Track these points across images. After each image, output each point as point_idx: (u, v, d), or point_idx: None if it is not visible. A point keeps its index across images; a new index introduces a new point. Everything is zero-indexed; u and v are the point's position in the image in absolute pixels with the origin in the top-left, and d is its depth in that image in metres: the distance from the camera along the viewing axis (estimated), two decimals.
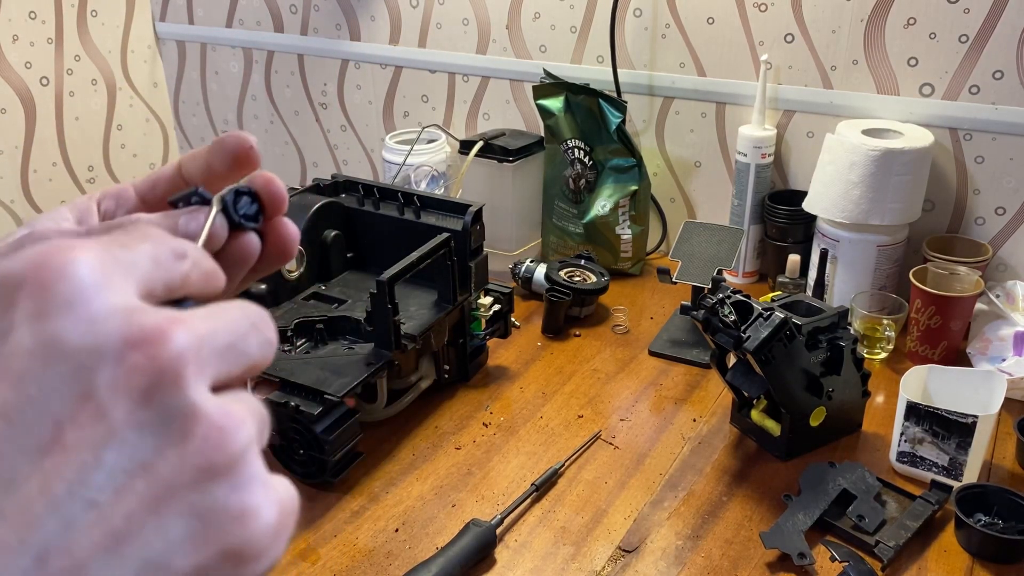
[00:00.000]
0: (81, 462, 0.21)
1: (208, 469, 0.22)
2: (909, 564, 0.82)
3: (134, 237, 0.25)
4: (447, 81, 1.62)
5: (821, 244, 1.22)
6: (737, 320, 0.89)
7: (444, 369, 1.09)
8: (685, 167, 1.45)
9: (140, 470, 0.22)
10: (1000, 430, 1.00)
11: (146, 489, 0.22)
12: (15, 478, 0.21)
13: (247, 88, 1.89)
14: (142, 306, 0.23)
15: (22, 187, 1.79)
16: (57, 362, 0.21)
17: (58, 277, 0.22)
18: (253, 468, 0.23)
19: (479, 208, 1.06)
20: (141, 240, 0.25)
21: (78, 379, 0.21)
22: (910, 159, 1.14)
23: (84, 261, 0.22)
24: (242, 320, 0.25)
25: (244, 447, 0.23)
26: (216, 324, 0.24)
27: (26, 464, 0.21)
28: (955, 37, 1.17)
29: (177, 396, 0.22)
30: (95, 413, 0.21)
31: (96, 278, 0.22)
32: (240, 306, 0.26)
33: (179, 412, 0.22)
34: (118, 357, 0.22)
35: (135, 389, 0.22)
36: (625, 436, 1.02)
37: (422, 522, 0.89)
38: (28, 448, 0.21)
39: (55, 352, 0.21)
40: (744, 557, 0.83)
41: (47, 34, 1.76)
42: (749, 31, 1.31)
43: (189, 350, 0.22)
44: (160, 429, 0.22)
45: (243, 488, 0.23)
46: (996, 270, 1.24)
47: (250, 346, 0.25)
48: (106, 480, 0.21)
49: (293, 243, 0.34)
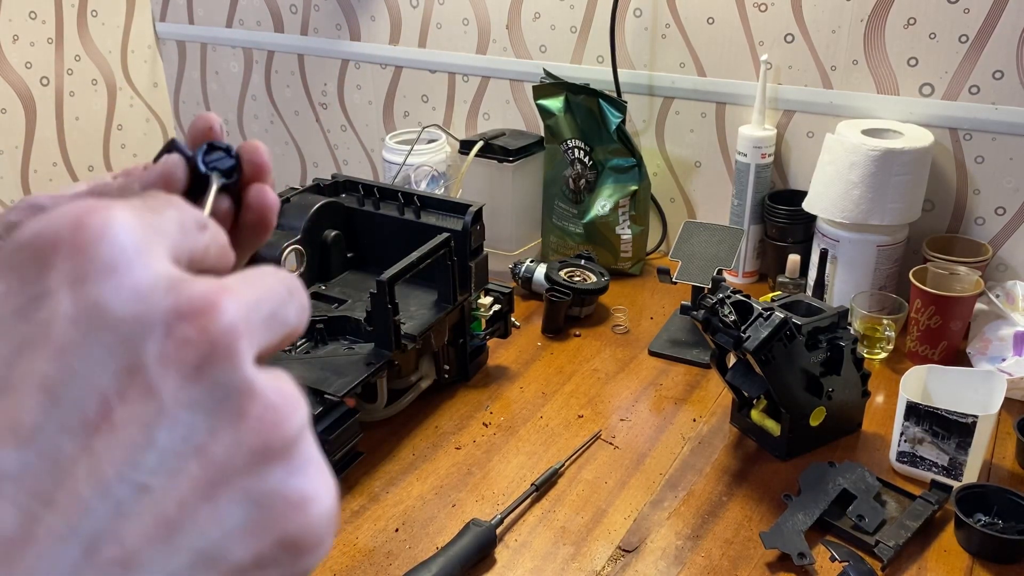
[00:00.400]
0: (131, 442, 0.19)
1: (264, 452, 0.21)
2: (909, 564, 0.82)
3: (159, 202, 0.23)
4: (447, 81, 1.62)
5: (821, 244, 1.22)
6: (737, 320, 0.89)
7: (444, 369, 1.09)
8: (685, 167, 1.45)
9: (193, 452, 0.20)
10: (1000, 430, 1.00)
11: (200, 473, 0.20)
12: (60, 459, 0.19)
13: (247, 88, 1.89)
14: (185, 275, 0.21)
15: (22, 187, 1.79)
16: (102, 331, 0.20)
17: (98, 238, 0.20)
18: (310, 451, 0.22)
19: (479, 208, 1.06)
20: (165, 206, 0.23)
21: (125, 351, 0.20)
22: (910, 159, 1.14)
23: (123, 223, 0.21)
24: (280, 286, 0.24)
25: (300, 428, 0.22)
26: (259, 292, 0.23)
27: (72, 444, 0.19)
28: (955, 37, 1.17)
29: (230, 372, 0.20)
30: (144, 389, 0.20)
31: (136, 241, 0.21)
32: (274, 271, 0.24)
33: (233, 389, 0.20)
34: (167, 328, 0.20)
35: (186, 364, 0.20)
36: (625, 436, 1.02)
37: (422, 522, 0.89)
38: (74, 426, 0.19)
39: (99, 320, 0.20)
40: (744, 557, 0.83)
41: (47, 34, 1.76)
42: (749, 31, 1.31)
43: (240, 321, 0.21)
44: (213, 407, 0.20)
45: (301, 472, 0.21)
46: (996, 270, 1.24)
47: (289, 314, 0.24)
48: (158, 462, 0.20)
49: (271, 211, 0.33)
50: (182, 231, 0.23)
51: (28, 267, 0.20)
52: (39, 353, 0.20)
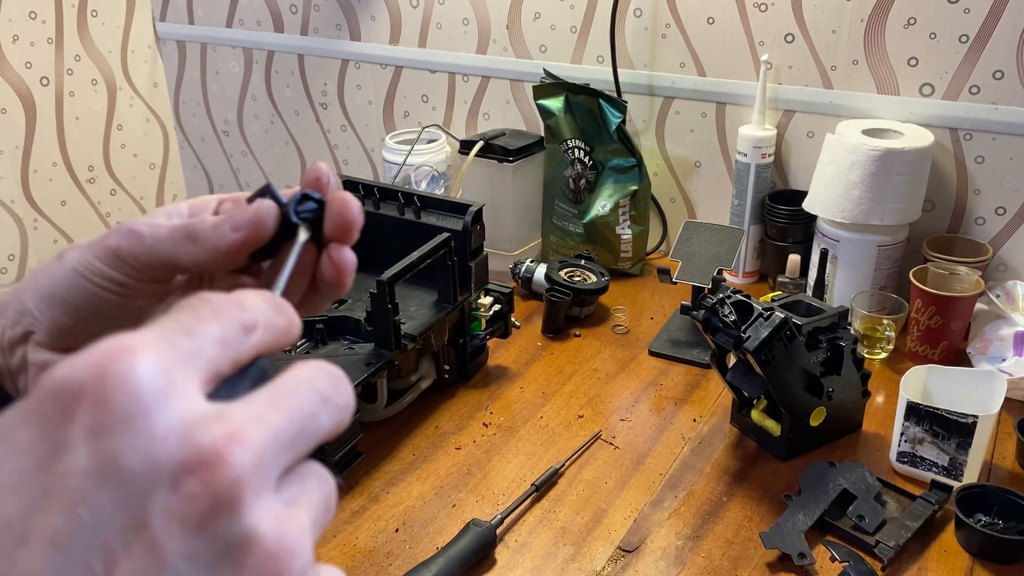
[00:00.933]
0: None
1: None
2: (909, 564, 0.82)
3: (201, 318, 0.24)
4: (447, 81, 1.62)
5: (821, 244, 1.22)
6: (737, 320, 0.89)
7: (444, 369, 1.09)
8: (685, 167, 1.45)
9: None
10: (1000, 430, 1.00)
11: None
12: None
13: (247, 88, 1.89)
14: (202, 416, 0.22)
15: (22, 187, 1.79)
16: (113, 486, 0.20)
17: (119, 387, 0.21)
18: None
19: (479, 208, 1.06)
20: (208, 320, 0.24)
21: (133, 506, 0.21)
22: (910, 159, 1.14)
23: (146, 365, 0.21)
24: (310, 399, 0.24)
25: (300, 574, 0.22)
26: (280, 419, 0.23)
27: None
28: (955, 37, 1.17)
29: (232, 523, 0.21)
30: (148, 545, 0.20)
31: (158, 385, 0.21)
32: (310, 379, 0.25)
33: (234, 541, 0.21)
34: (174, 482, 0.21)
35: (190, 518, 0.21)
36: (625, 436, 1.02)
37: (422, 522, 0.89)
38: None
39: (111, 475, 0.20)
40: (744, 557, 0.83)
41: (47, 34, 1.76)
42: (749, 31, 1.31)
43: (247, 470, 0.21)
44: (213, 560, 0.21)
45: None
46: (996, 270, 1.24)
47: (321, 424, 0.24)
48: None
49: (348, 274, 0.35)
50: (222, 346, 0.24)
51: (52, 416, 0.21)
52: (53, 505, 0.20)
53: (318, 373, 0.25)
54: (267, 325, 0.26)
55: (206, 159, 2.06)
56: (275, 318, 0.26)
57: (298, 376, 0.25)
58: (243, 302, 0.25)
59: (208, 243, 0.34)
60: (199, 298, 0.25)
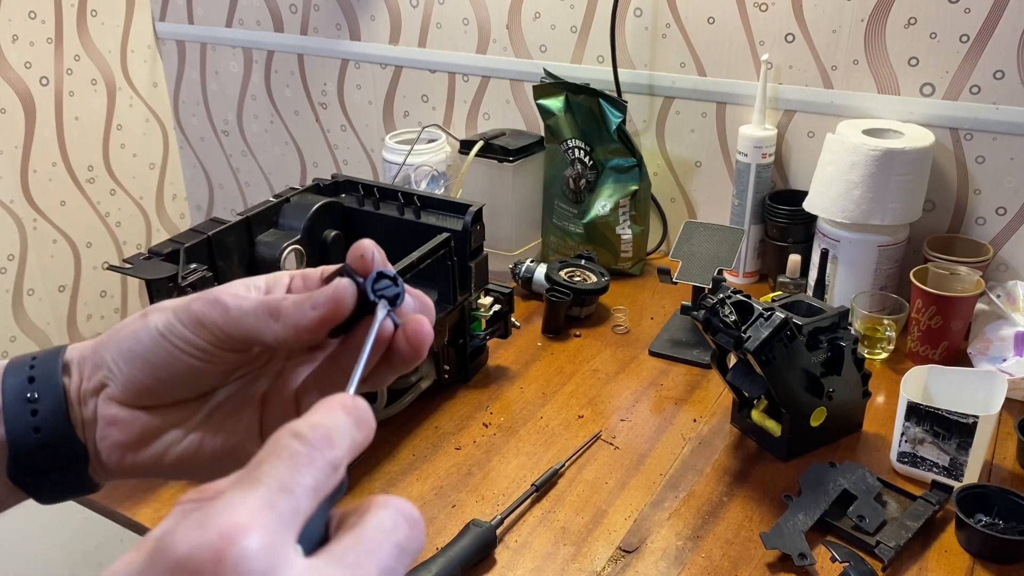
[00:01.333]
0: None
1: None
2: (910, 564, 0.82)
3: (297, 467, 0.27)
4: (447, 81, 1.62)
5: (822, 244, 1.22)
6: (737, 320, 0.89)
7: (444, 369, 1.09)
8: (685, 167, 1.45)
9: None
10: (1001, 430, 1.00)
11: None
12: None
13: (247, 88, 1.89)
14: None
15: (22, 187, 1.79)
16: None
17: (234, 571, 0.24)
18: None
19: (479, 208, 1.05)
20: (304, 469, 0.27)
21: None
22: (911, 159, 1.13)
23: (255, 545, 0.24)
24: (390, 555, 0.27)
25: None
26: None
27: None
28: (956, 37, 1.16)
29: None
30: None
31: (267, 566, 0.24)
32: (392, 530, 0.28)
33: None
34: None
35: None
36: (625, 436, 1.01)
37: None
38: None
39: None
40: (744, 557, 0.83)
41: (47, 34, 1.75)
42: (749, 31, 1.31)
43: None
44: None
45: None
46: (997, 270, 1.24)
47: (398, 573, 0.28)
48: None
49: (424, 346, 0.37)
50: (315, 494, 0.27)
51: None
52: None
53: (399, 523, 0.28)
54: (351, 450, 0.29)
55: (206, 159, 2.06)
56: (357, 435, 0.29)
57: (381, 527, 0.28)
58: (332, 438, 0.28)
59: (289, 320, 0.36)
60: (294, 437, 0.27)
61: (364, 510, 0.28)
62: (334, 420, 0.28)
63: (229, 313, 0.37)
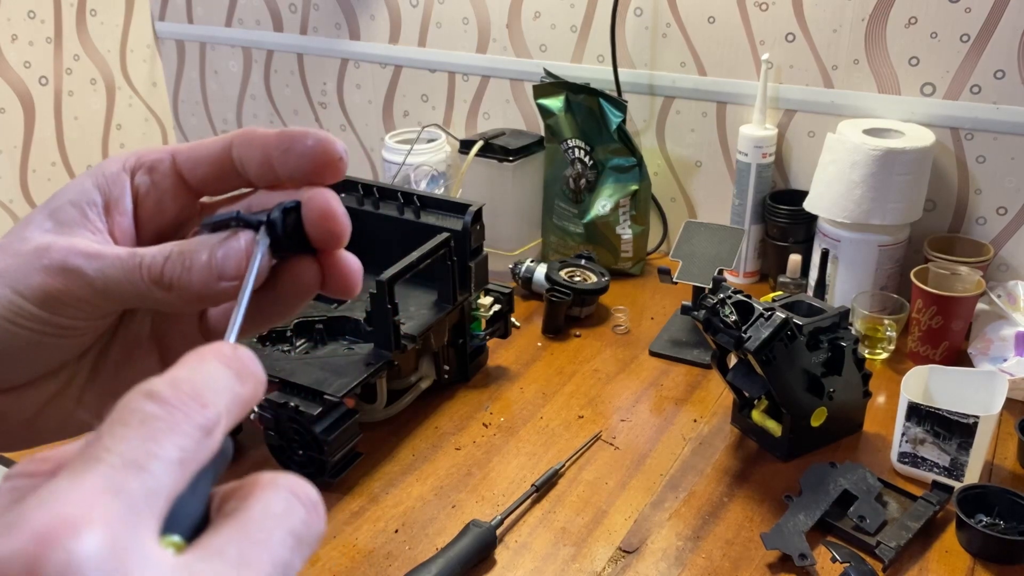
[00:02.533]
0: None
1: None
2: (910, 565, 0.82)
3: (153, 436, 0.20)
4: (447, 80, 1.62)
5: (822, 244, 1.22)
6: (738, 320, 0.89)
7: (444, 369, 1.09)
8: (686, 167, 1.45)
9: None
10: (1001, 430, 1.00)
11: None
12: None
13: (247, 88, 1.89)
14: None
15: (21, 187, 1.79)
16: None
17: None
18: None
19: (479, 208, 1.05)
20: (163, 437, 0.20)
21: None
22: (911, 159, 1.13)
23: (90, 546, 0.18)
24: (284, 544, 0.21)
25: None
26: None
27: None
28: (956, 36, 1.16)
29: None
30: None
31: (108, 568, 0.18)
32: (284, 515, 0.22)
33: None
34: None
35: None
36: (625, 436, 1.01)
37: (422, 523, 0.89)
38: None
39: None
40: (745, 558, 0.83)
41: (46, 33, 1.75)
42: (750, 30, 1.31)
43: None
44: None
45: None
46: (997, 270, 1.24)
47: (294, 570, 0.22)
48: None
49: (355, 278, 0.31)
50: (181, 466, 0.21)
51: None
52: None
53: (292, 506, 0.22)
54: (231, 409, 0.22)
55: None
56: (240, 390, 0.23)
57: (270, 511, 0.21)
58: (202, 394, 0.22)
59: (188, 291, 0.28)
60: (146, 398, 0.21)
61: (247, 492, 0.22)
62: (204, 374, 0.22)
63: (91, 284, 0.28)
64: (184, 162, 0.31)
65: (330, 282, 0.31)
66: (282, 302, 0.31)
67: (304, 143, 0.29)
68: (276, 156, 0.30)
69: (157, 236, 0.33)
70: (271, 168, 0.30)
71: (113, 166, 0.31)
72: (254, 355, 0.24)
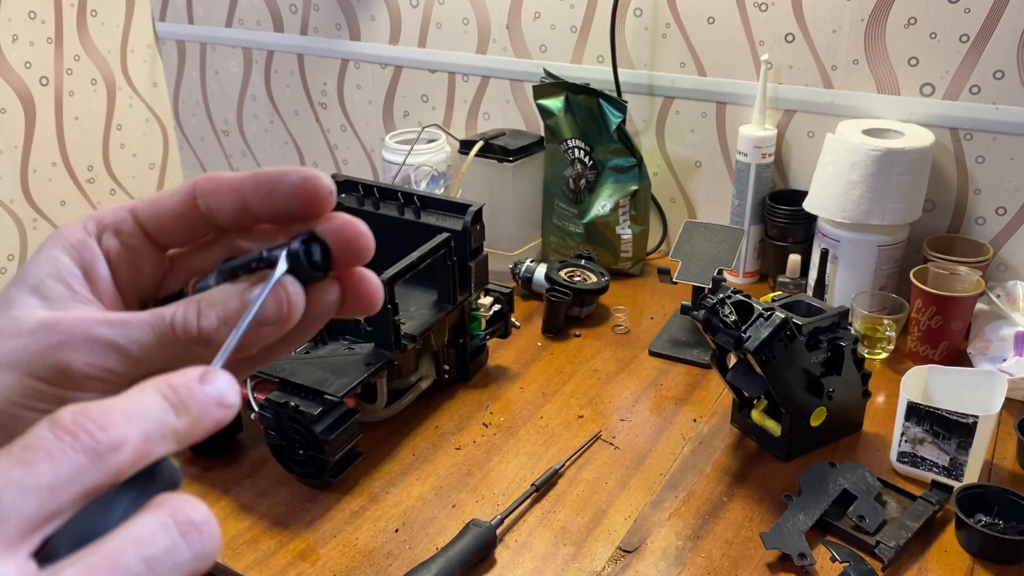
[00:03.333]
0: None
1: None
2: (910, 564, 0.82)
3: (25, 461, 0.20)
4: (447, 81, 1.62)
5: (822, 244, 1.22)
6: (737, 320, 0.89)
7: (444, 369, 1.09)
8: (685, 167, 1.45)
9: None
10: (1001, 430, 1.00)
11: None
12: None
13: (247, 88, 1.89)
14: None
15: (22, 187, 1.79)
16: None
17: None
18: None
19: (479, 208, 1.05)
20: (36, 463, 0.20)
21: None
22: (911, 159, 1.13)
23: None
24: (128, 573, 0.21)
25: None
26: None
27: None
28: (956, 37, 1.16)
29: None
30: None
31: None
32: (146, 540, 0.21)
33: None
34: None
35: None
36: (625, 436, 1.01)
37: (422, 522, 0.89)
38: None
39: None
40: (744, 557, 0.83)
41: (47, 34, 1.75)
42: (749, 31, 1.31)
43: None
44: None
45: None
46: (997, 270, 1.24)
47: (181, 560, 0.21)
48: None
49: (379, 295, 0.30)
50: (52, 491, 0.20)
51: None
52: None
53: (157, 533, 0.21)
54: (151, 437, 0.22)
55: (205, 159, 2.06)
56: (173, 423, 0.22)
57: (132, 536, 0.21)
58: (109, 421, 0.21)
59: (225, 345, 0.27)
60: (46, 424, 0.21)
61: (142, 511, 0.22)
62: (129, 402, 0.22)
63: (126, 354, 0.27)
64: (147, 219, 0.30)
65: (352, 301, 0.30)
66: (302, 327, 0.30)
67: (287, 182, 0.28)
68: (256, 200, 0.29)
69: (138, 297, 0.32)
70: (248, 212, 0.29)
71: (75, 233, 0.30)
72: (210, 392, 0.23)
